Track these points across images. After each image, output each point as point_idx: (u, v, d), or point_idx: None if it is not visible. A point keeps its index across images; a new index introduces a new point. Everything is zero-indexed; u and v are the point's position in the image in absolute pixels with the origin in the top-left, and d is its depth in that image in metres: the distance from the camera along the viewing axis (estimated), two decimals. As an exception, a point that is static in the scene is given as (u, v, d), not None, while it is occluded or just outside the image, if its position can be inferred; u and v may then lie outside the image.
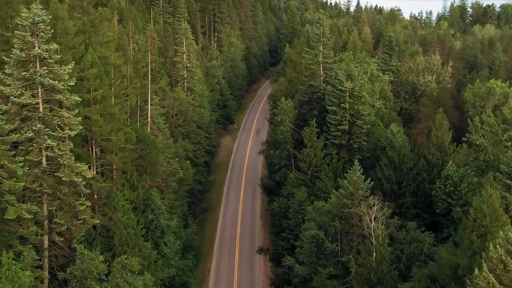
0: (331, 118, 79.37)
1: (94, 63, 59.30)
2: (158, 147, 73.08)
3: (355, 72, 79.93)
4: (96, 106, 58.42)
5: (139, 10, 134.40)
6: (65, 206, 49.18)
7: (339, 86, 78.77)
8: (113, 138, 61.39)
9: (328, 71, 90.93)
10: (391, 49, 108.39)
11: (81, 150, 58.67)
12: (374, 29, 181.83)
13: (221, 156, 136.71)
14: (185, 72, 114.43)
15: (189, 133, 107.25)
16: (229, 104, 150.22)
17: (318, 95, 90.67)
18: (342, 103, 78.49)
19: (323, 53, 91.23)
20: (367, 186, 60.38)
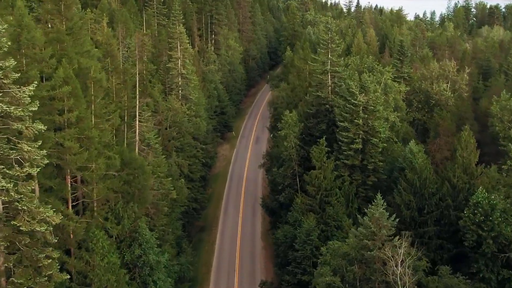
0: (342, 135, 69.31)
1: (69, 79, 49.08)
2: (147, 171, 62.90)
3: (369, 84, 69.77)
4: (69, 131, 48.23)
5: (131, 12, 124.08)
6: (26, 260, 38.98)
7: (352, 100, 68.70)
8: (92, 166, 51.21)
9: (337, 81, 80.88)
10: (403, 54, 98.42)
11: (53, 181, 48.55)
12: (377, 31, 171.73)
13: (219, 167, 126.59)
14: (179, 80, 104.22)
15: (184, 146, 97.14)
16: (227, 111, 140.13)
17: (326, 108, 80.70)
18: (355, 119, 68.42)
19: (332, 61, 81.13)
20: (391, 224, 50.25)
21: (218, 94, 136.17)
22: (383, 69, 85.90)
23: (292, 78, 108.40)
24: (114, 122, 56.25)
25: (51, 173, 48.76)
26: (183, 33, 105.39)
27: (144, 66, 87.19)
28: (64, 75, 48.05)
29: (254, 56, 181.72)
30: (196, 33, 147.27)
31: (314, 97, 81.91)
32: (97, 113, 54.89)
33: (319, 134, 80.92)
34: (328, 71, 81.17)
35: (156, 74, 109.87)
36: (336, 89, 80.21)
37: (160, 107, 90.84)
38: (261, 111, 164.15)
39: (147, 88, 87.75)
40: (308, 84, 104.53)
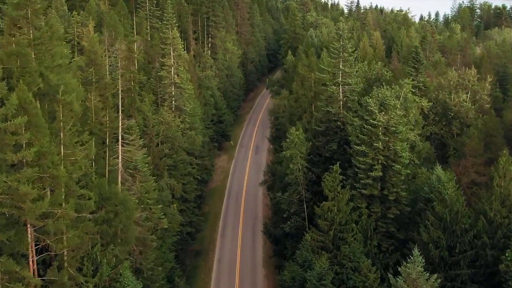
0: (359, 161, 58.54)
1: (27, 105, 38.26)
2: (130, 206, 52.10)
3: (390, 100, 59.00)
4: (26, 172, 37.36)
5: (121, 14, 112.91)
6: None
7: (370, 120, 57.90)
8: (58, 212, 40.39)
9: (350, 94, 70.11)
10: (418, 62, 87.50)
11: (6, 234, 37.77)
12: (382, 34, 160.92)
13: (216, 180, 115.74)
14: (172, 89, 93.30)
15: (178, 163, 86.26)
16: (224, 119, 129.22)
17: (337, 125, 69.93)
18: (374, 142, 57.60)
19: (344, 72, 70.32)
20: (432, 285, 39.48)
21: (215, 102, 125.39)
22: (402, 81, 74.91)
23: (295, 87, 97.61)
24: (89, 153, 45.17)
25: (5, 224, 37.98)
26: (177, 38, 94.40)
27: (132, 77, 76.25)
28: (19, 101, 37.14)
29: (252, 59, 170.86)
30: (192, 36, 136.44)
31: (324, 113, 71.07)
32: (66, 143, 43.95)
33: (330, 154, 70.30)
34: (339, 84, 70.33)
35: (147, 83, 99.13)
36: (349, 104, 69.45)
37: (150, 122, 79.93)
38: (261, 117, 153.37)
39: (135, 102, 76.89)
40: (313, 94, 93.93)
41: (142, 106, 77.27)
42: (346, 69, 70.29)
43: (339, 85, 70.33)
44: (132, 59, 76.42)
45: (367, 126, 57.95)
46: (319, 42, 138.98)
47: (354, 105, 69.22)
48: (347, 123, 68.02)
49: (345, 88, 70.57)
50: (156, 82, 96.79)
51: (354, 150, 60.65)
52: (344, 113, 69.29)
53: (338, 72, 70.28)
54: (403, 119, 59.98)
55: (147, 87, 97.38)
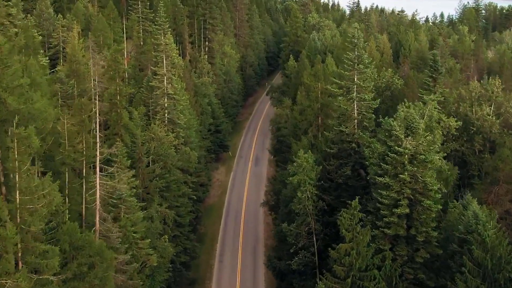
0: (381, 195, 48.69)
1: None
2: (108, 257, 42.21)
3: (418, 123, 49.16)
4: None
5: (110, 17, 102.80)
6: None
7: (395, 147, 48.03)
8: (6, 283, 30.57)
9: (366, 111, 60.24)
10: (436, 71, 77.70)
11: None
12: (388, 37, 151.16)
13: (213, 196, 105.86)
14: (165, 101, 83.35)
15: (171, 184, 76.31)
16: (222, 129, 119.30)
17: (352, 147, 60.08)
18: (400, 173, 47.74)
19: (359, 87, 60.45)
20: None
21: (212, 110, 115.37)
22: (428, 97, 64.95)
23: (300, 97, 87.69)
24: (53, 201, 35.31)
25: None
26: (170, 45, 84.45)
27: (118, 90, 66.28)
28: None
29: (251, 63, 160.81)
30: (188, 40, 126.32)
31: (336, 133, 61.15)
32: (23, 189, 34.03)
33: (343, 180, 60.38)
34: (354, 99, 60.39)
35: (138, 93, 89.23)
36: (365, 122, 59.59)
37: (139, 140, 69.95)
38: (260, 124, 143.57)
39: (122, 119, 66.98)
40: (320, 106, 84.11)
41: (129, 124, 67.26)
42: (361, 83, 60.37)
43: (353, 101, 60.38)
44: (118, 70, 66.35)
45: (392, 154, 48.00)
46: (322, 46, 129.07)
47: (370, 124, 59.43)
48: (363, 145, 58.19)
49: (360, 104, 60.62)
50: (148, 93, 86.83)
51: (375, 181, 50.75)
52: (359, 133, 59.40)
53: (353, 87, 60.36)
54: (433, 146, 50.12)
55: (137, 98, 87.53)
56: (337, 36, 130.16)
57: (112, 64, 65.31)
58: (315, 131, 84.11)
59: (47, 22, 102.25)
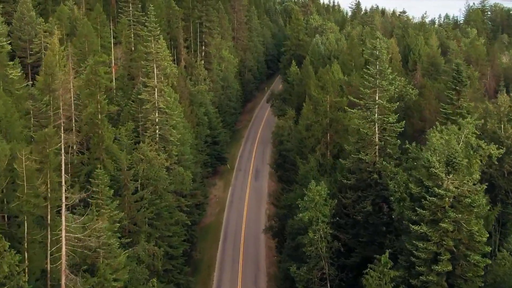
0: (417, 247, 38.62)
1: None
2: None
3: (461, 158, 39.05)
4: None
5: (97, 21, 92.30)
6: None
7: (434, 188, 37.93)
8: None
9: (390, 136, 50.09)
10: (460, 82, 67.68)
11: None
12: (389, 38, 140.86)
13: (210, 215, 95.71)
14: (156, 115, 73.12)
15: (162, 210, 66.25)
16: (220, 140, 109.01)
17: (373, 178, 49.97)
18: (440, 220, 37.66)
19: (381, 107, 50.30)
20: None
21: (209, 120, 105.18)
22: (463, 120, 54.78)
23: (306, 112, 77.50)
24: None
25: None
26: (161, 53, 74.20)
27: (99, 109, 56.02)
28: None
29: (250, 67, 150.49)
30: (183, 44, 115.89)
31: (353, 161, 50.98)
32: None
33: (362, 217, 50.26)
34: (375, 122, 50.24)
35: (126, 106, 79.04)
36: (388, 149, 49.48)
37: (124, 165, 59.75)
38: (260, 132, 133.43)
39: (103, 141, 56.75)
40: (329, 121, 74.01)
41: (112, 147, 57.01)
42: (384, 102, 50.20)
43: (374, 124, 50.22)
44: (99, 85, 56.07)
45: (431, 198, 37.88)
46: (326, 50, 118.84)
47: (395, 151, 49.33)
48: (387, 176, 48.09)
49: (382, 128, 50.46)
50: (137, 106, 76.62)
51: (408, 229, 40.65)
52: (382, 162, 49.29)
53: (374, 107, 50.17)
54: (481, 187, 40.00)
55: (125, 111, 77.29)
56: (342, 40, 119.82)
57: (92, 78, 54.99)
58: (324, 149, 74.12)
59: (28, 27, 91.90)
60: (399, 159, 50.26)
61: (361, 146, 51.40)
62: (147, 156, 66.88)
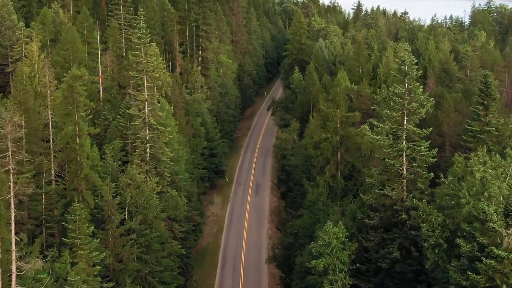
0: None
1: None
2: None
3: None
4: None
5: (83, 26, 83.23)
6: None
7: (493, 248, 29.13)
8: None
9: (420, 167, 41.28)
10: (489, 96, 59.10)
11: None
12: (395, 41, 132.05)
13: (207, 235, 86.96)
14: (147, 132, 64.19)
15: (152, 242, 57.44)
16: (218, 152, 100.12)
17: (401, 218, 41.15)
18: None
19: (410, 132, 41.50)
20: None
21: (206, 131, 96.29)
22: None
23: (314, 127, 68.62)
24: None
25: None
26: (152, 63, 65.24)
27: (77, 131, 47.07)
28: None
29: (250, 71, 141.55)
30: (178, 49, 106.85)
31: (377, 197, 42.17)
32: None
33: (388, 264, 41.45)
34: (403, 151, 41.46)
35: (115, 120, 70.18)
36: (419, 184, 40.66)
37: (108, 193, 50.84)
38: (260, 141, 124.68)
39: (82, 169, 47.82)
40: (339, 138, 65.24)
41: (92, 176, 48.09)
42: (413, 127, 41.37)
43: (402, 153, 41.42)
44: (77, 104, 47.15)
45: (488, 260, 29.09)
46: (331, 55, 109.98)
47: (427, 186, 40.48)
48: (418, 217, 39.30)
49: (411, 157, 41.64)
50: (126, 121, 67.75)
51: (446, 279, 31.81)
52: (411, 199, 40.47)
53: (402, 133, 41.35)
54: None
55: (113, 127, 68.38)
56: (348, 45, 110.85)
57: (68, 95, 46.07)
58: (334, 170, 65.36)
59: (9, 31, 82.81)
60: (431, 194, 41.49)
61: (385, 178, 42.57)
62: (136, 181, 58.02)
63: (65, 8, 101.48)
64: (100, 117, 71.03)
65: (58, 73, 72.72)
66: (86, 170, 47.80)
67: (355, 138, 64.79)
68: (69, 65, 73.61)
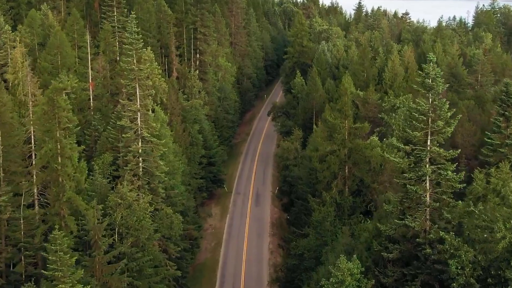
0: None
1: None
2: None
3: None
4: None
5: (75, 29, 77.70)
6: None
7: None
8: None
9: (445, 193, 35.87)
10: (510, 106, 53.85)
11: None
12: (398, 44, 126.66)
13: (205, 250, 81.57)
14: (139, 145, 58.78)
15: (144, 266, 52.11)
16: (216, 161, 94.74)
17: (425, 252, 35.71)
18: None
19: (434, 154, 36.08)
20: None
21: (204, 138, 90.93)
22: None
23: (320, 140, 63.16)
24: None
25: None
26: (145, 70, 59.79)
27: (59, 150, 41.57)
28: None
29: (249, 74, 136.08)
30: (175, 53, 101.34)
31: (396, 227, 36.74)
32: None
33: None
34: (426, 176, 36.04)
35: (105, 131, 64.77)
36: (444, 213, 35.28)
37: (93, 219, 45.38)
38: (260, 148, 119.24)
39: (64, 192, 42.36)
40: (347, 151, 59.84)
41: (75, 199, 42.63)
42: (438, 149, 35.98)
43: (425, 179, 35.98)
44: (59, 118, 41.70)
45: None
46: (334, 59, 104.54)
47: (454, 216, 35.07)
48: (444, 252, 33.90)
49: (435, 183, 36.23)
50: (117, 132, 62.32)
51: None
52: (436, 230, 35.05)
53: (425, 156, 35.93)
54: None
55: (103, 139, 62.95)
56: (353, 48, 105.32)
57: (49, 110, 40.63)
58: (341, 185, 59.98)
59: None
60: (459, 224, 36.10)
61: (406, 206, 37.16)
62: (127, 199, 52.60)
63: (56, 10, 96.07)
64: (90, 127, 65.54)
65: (46, 80, 67.31)
66: (69, 193, 42.37)
67: (364, 151, 59.41)
68: (57, 72, 68.10)
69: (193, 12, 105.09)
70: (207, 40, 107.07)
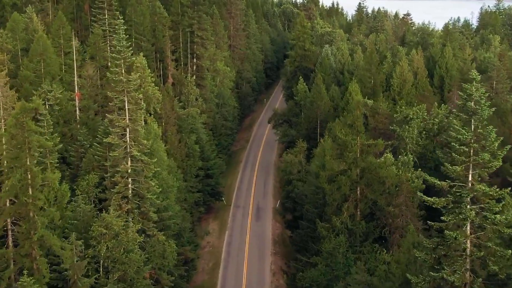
0: None
1: None
2: None
3: None
4: None
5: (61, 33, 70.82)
6: None
7: None
8: None
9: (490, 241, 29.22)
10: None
11: None
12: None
13: (202, 272, 74.73)
14: (128, 165, 52.10)
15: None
16: (214, 172, 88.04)
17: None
18: None
19: (478, 192, 29.46)
20: None
21: (202, 149, 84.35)
22: None
23: (329, 158, 56.37)
24: None
25: None
26: (135, 80, 53.13)
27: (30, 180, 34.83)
28: None
29: (249, 79, 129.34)
30: (170, 57, 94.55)
31: (431, 279, 30.09)
32: None
33: None
34: (468, 219, 29.46)
35: (90, 148, 58.03)
36: (490, 265, 28.68)
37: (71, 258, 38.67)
38: (260, 156, 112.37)
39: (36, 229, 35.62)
40: (360, 171, 53.20)
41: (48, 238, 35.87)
42: (482, 187, 29.35)
43: (466, 222, 29.36)
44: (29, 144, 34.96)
45: None
46: (338, 63, 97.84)
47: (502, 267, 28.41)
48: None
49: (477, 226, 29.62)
50: (104, 150, 55.63)
51: None
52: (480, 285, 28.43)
53: (467, 195, 29.29)
54: None
55: (89, 156, 56.18)
56: (359, 53, 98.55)
57: (17, 134, 33.92)
58: (352, 209, 53.32)
59: (-25, 40, 70.38)
60: (508, 277, 29.52)
61: (441, 253, 30.57)
62: (113, 229, 45.95)
63: (44, 13, 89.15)
64: (75, 143, 58.83)
65: (27, 91, 60.62)
66: (41, 231, 35.66)
67: (378, 170, 52.80)
68: (40, 81, 61.29)
69: (189, 15, 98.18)
70: (204, 44, 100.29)
